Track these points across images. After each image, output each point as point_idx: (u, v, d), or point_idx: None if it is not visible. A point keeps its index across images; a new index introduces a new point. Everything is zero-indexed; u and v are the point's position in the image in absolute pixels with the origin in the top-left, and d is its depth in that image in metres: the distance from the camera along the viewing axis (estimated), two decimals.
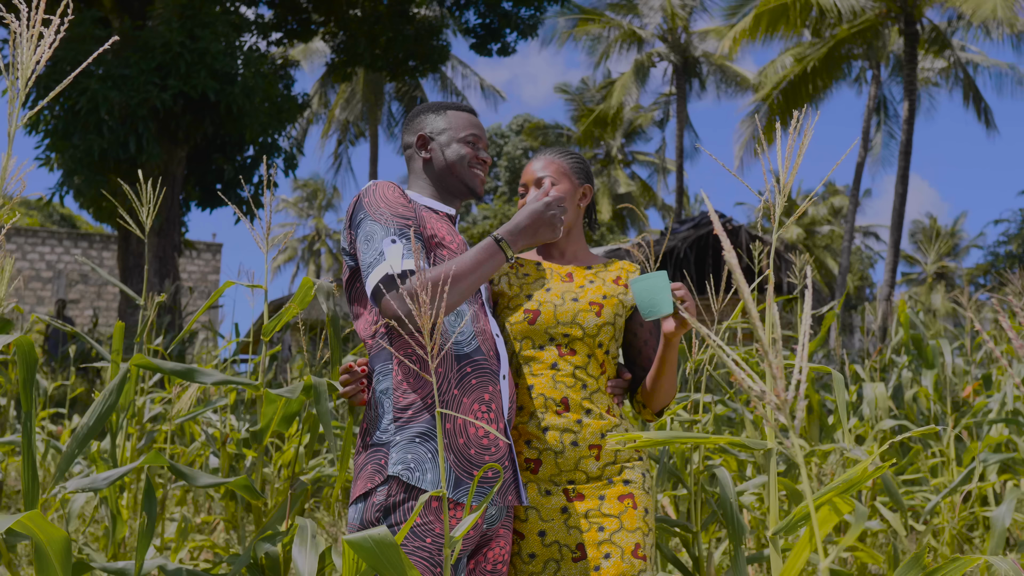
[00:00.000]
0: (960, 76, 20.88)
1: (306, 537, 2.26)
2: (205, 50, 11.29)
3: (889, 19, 19.15)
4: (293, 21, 15.63)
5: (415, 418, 2.01)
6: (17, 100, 1.39)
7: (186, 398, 3.82)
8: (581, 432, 2.22)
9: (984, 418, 4.84)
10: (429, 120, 2.36)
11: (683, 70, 26.00)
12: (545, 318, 2.29)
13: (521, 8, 15.90)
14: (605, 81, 28.65)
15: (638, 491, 2.24)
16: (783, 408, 0.91)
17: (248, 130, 12.17)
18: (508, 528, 2.15)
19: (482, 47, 16.35)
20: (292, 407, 2.60)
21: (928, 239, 42.58)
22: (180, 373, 2.66)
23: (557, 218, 2.20)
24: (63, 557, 1.56)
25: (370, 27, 14.84)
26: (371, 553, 1.59)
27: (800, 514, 1.58)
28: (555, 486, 2.23)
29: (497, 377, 2.12)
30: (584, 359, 2.28)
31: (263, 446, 2.68)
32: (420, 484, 1.95)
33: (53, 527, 1.51)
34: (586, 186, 2.46)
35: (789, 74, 19.97)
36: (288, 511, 2.63)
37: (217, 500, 4.19)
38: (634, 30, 26.14)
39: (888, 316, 15.27)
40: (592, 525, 2.19)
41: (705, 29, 25.49)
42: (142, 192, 3.26)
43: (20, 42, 1.40)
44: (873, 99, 21.16)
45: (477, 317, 2.15)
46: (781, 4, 17.97)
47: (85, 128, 11.17)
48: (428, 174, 2.33)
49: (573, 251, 2.46)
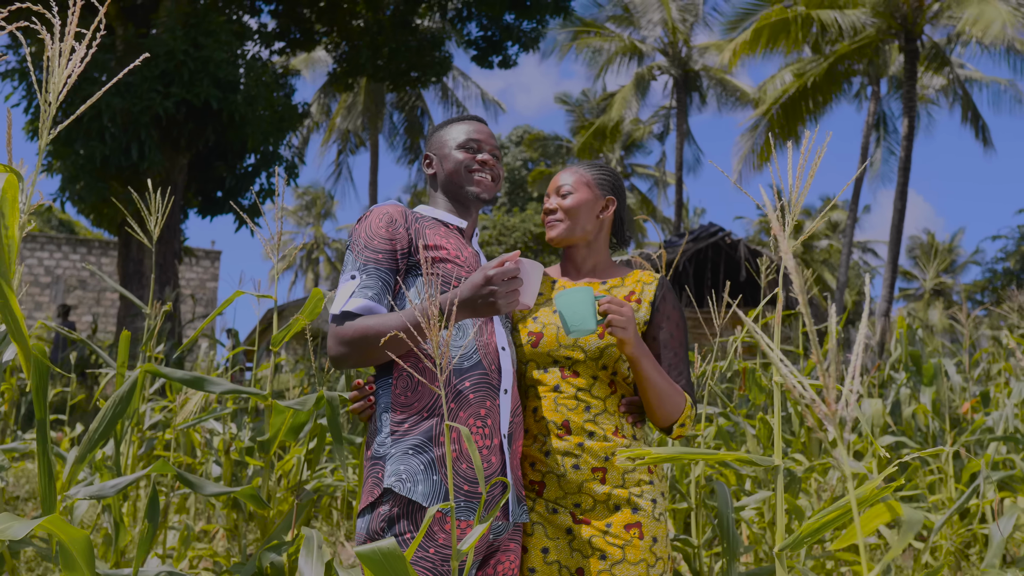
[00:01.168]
0: (959, 93, 20.99)
1: (312, 547, 2.27)
2: (208, 58, 11.33)
3: (889, 36, 19.26)
4: (296, 31, 15.67)
5: (410, 431, 2.04)
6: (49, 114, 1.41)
7: (190, 405, 3.84)
8: (582, 456, 2.20)
9: (984, 435, 4.85)
10: (435, 137, 2.41)
11: (683, 83, 26.09)
12: (547, 341, 2.28)
13: (523, 21, 15.95)
14: (605, 93, 28.74)
15: (647, 519, 2.20)
16: (833, 420, 0.93)
17: (250, 139, 12.20)
18: (517, 542, 2.16)
19: (483, 59, 16.39)
20: (300, 418, 2.62)
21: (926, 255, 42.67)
22: (189, 382, 2.67)
23: (498, 296, 1.97)
24: (87, 556, 1.60)
25: (373, 37, 14.89)
26: (378, 564, 1.61)
27: (807, 530, 1.60)
28: (561, 508, 2.21)
29: (497, 392, 2.13)
30: (588, 380, 2.25)
31: (270, 456, 2.70)
32: (412, 495, 1.97)
33: (73, 528, 1.55)
34: (608, 198, 2.42)
35: (789, 88, 20.06)
36: (294, 521, 2.65)
37: (219, 509, 4.20)
38: (634, 43, 26.23)
39: (886, 332, 15.32)
40: (595, 552, 2.16)
41: (706, 44, 25.61)
42: (151, 200, 3.28)
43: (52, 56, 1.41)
44: (873, 115, 21.26)
45: (481, 331, 2.16)
46: (782, 19, 18.07)
47: (87, 135, 11.19)
48: (437, 188, 2.37)
49: (592, 264, 2.43)
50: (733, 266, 18.40)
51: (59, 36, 1.40)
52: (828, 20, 18.09)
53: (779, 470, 1.63)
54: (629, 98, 26.25)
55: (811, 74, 19.35)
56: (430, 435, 2.03)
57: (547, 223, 2.43)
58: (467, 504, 2.03)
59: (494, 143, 2.39)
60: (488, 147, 2.35)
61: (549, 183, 2.48)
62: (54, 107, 1.32)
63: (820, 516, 1.56)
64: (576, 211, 2.38)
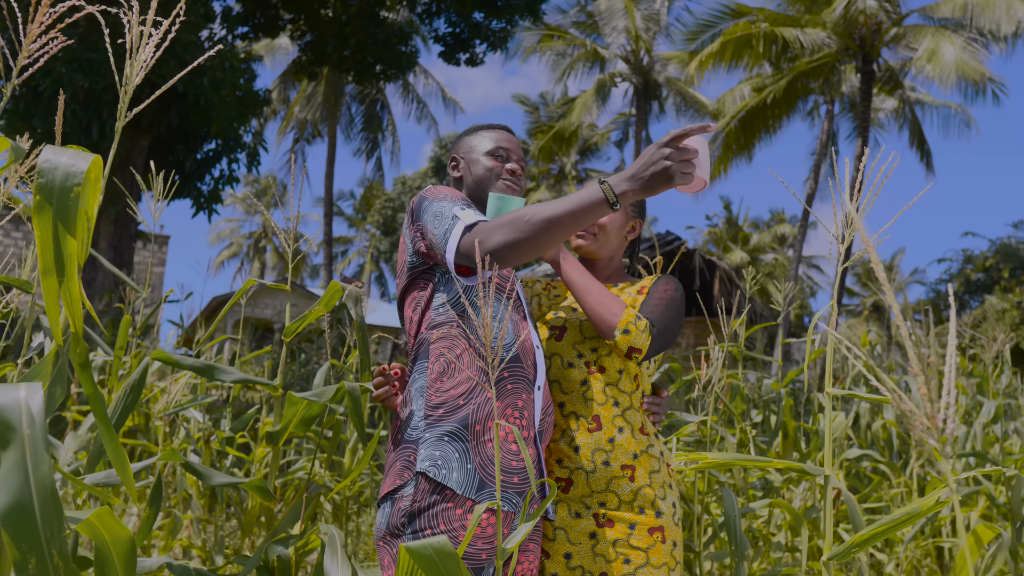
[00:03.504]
0: (908, 116, 21.50)
1: (336, 547, 2.24)
2: (176, 39, 11.12)
3: (847, 56, 19.66)
4: (260, 16, 15.45)
5: (445, 417, 2.01)
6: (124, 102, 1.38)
7: (177, 391, 3.77)
8: (613, 452, 2.21)
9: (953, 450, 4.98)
10: (463, 141, 2.42)
11: (644, 92, 26.31)
12: (571, 334, 2.31)
13: (492, 20, 15.93)
14: (565, 97, 28.86)
15: (669, 524, 2.21)
16: (934, 432, 0.95)
17: (214, 123, 12.01)
18: (537, 543, 2.14)
19: (451, 56, 16.34)
20: (313, 410, 2.59)
21: (866, 273, 43.60)
22: (199, 369, 2.63)
23: (672, 159, 1.85)
24: (128, 560, 1.52)
25: (340, 28, 14.76)
26: (430, 562, 1.59)
27: (858, 540, 1.64)
28: (586, 508, 2.20)
29: (532, 387, 2.13)
30: (615, 375, 2.28)
31: (279, 447, 2.66)
32: (446, 482, 1.94)
33: (121, 526, 1.47)
34: (636, 220, 2.47)
35: (748, 104, 20.36)
36: (302, 514, 2.62)
37: (195, 499, 4.13)
38: (596, 49, 26.38)
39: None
40: (619, 556, 2.16)
41: (668, 54, 25.84)
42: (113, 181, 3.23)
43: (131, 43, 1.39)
44: (826, 133, 21.68)
45: (519, 327, 2.17)
46: (747, 34, 18.36)
47: (47, 111, 10.92)
48: (462, 191, 2.37)
49: (608, 275, 2.48)
50: (688, 275, 18.62)
51: (137, 23, 1.38)
52: (791, 37, 18.42)
53: (829, 480, 1.67)
54: (590, 103, 26.40)
55: (771, 90, 19.67)
56: (466, 423, 2.00)
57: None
58: (503, 495, 2.02)
59: (521, 153, 2.41)
60: (516, 156, 2.37)
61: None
62: (129, 95, 1.30)
63: (873, 527, 1.60)
64: (609, 232, 2.42)
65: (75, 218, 1.24)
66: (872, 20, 18.69)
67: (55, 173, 1.27)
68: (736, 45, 18.58)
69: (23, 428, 1.22)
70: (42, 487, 1.17)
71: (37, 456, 1.20)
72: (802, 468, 1.66)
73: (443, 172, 42.43)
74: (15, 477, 1.14)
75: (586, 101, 26.35)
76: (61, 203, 1.25)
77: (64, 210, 1.24)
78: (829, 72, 20.26)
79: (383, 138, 28.66)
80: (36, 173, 1.25)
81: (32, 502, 1.17)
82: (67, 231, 1.24)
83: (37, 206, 1.25)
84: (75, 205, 1.25)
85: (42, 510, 1.18)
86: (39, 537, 1.15)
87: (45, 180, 1.26)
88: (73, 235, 1.24)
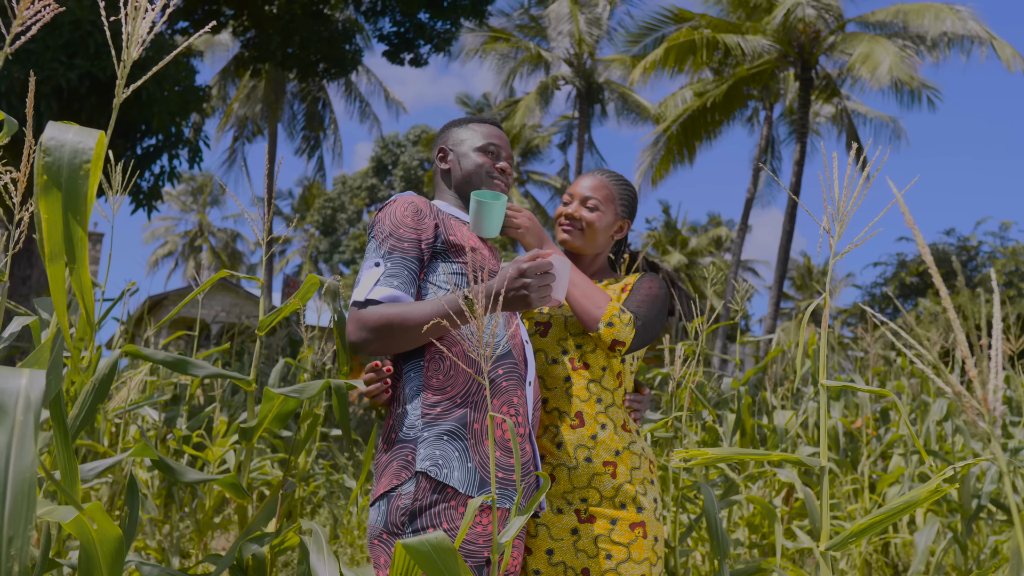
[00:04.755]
0: (845, 123, 21.98)
1: (321, 544, 2.20)
2: (116, 31, 10.86)
3: (787, 63, 20.03)
4: (200, 11, 15.15)
5: (443, 416, 2.00)
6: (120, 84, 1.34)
7: (133, 385, 3.67)
8: (595, 448, 2.22)
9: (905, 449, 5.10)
10: (451, 133, 2.39)
11: (587, 95, 26.46)
12: (556, 330, 2.32)
13: (437, 21, 15.86)
14: (509, 99, 28.90)
15: (650, 519, 2.23)
16: (987, 417, 0.97)
17: (156, 118, 11.74)
18: (521, 539, 2.14)
19: (395, 56, 16.21)
20: (289, 405, 2.53)
21: (801, 277, 44.48)
22: (171, 364, 2.56)
23: (531, 289, 1.95)
24: (114, 559, 1.45)
25: (285, 24, 14.56)
26: (428, 559, 1.56)
27: (857, 530, 1.66)
28: (568, 504, 2.21)
29: (524, 383, 2.14)
30: (599, 372, 2.29)
31: (252, 444, 2.60)
32: (448, 481, 1.94)
33: (112, 525, 1.41)
34: (625, 221, 2.49)
35: (690, 108, 20.61)
36: (277, 511, 2.56)
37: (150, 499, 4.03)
38: (540, 52, 26.47)
39: (770, 349, 15.92)
40: (600, 551, 2.17)
41: (611, 58, 26.03)
42: None
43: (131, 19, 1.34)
44: (765, 138, 22.04)
45: (509, 321, 2.16)
46: (689, 40, 18.60)
47: None
48: (449, 185, 2.35)
49: (593, 271, 2.49)
50: None
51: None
52: (732, 44, 18.71)
53: (824, 471, 1.69)
54: (533, 106, 26.47)
55: (712, 95, 19.95)
56: (464, 422, 2.00)
57: (563, 226, 2.45)
58: (502, 493, 2.01)
59: (510, 150, 2.41)
60: (506, 154, 2.36)
61: (572, 184, 2.50)
62: (125, 75, 1.25)
63: (870, 517, 1.62)
64: (596, 230, 2.42)
65: (85, 198, 1.19)
66: (811, 28, 19.07)
67: (62, 151, 1.22)
68: (679, 51, 18.81)
69: (16, 414, 1.17)
70: (20, 478, 1.09)
71: (23, 445, 1.14)
72: (800, 460, 1.67)
73: (383, 172, 42.12)
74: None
75: (529, 103, 26.42)
76: (71, 182, 1.19)
77: (73, 190, 1.19)
78: (769, 78, 20.63)
79: (324, 136, 28.35)
80: (41, 151, 1.19)
81: (4, 491, 1.10)
82: (76, 213, 1.18)
83: (43, 187, 1.19)
84: (84, 184, 1.20)
85: (13, 502, 1.11)
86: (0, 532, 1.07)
87: (52, 159, 1.20)
88: (83, 216, 1.18)
